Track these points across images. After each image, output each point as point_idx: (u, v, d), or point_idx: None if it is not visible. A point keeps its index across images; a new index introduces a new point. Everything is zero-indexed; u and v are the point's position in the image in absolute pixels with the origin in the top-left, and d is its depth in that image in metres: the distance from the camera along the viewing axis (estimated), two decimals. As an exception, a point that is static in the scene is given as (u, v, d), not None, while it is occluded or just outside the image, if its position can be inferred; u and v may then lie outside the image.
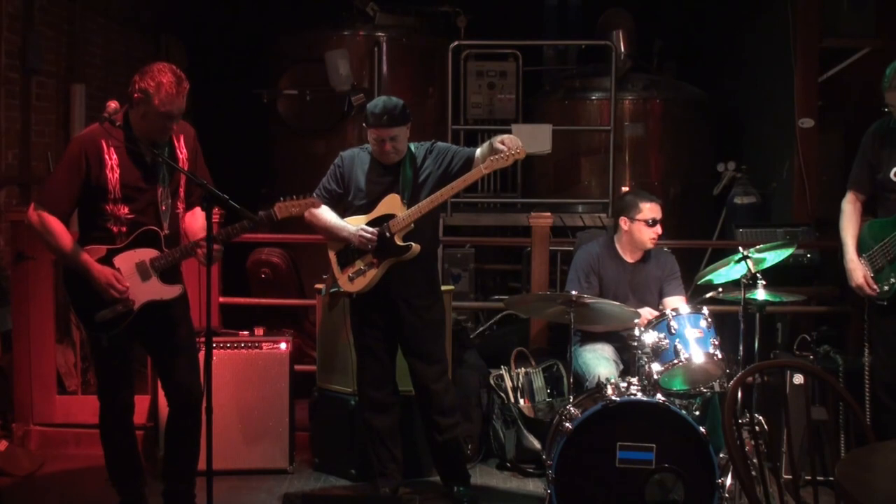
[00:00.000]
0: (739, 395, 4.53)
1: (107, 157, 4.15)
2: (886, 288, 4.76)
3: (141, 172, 4.20)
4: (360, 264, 4.73)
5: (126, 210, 4.18)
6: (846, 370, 5.25)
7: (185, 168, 4.27)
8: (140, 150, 4.18)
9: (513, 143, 4.50)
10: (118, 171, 4.16)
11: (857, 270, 4.88)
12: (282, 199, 4.32)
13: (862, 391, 5.09)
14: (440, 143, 4.87)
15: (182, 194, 4.33)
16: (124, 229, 4.20)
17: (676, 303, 5.03)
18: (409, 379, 4.92)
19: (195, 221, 4.36)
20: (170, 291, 4.28)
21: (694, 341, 4.63)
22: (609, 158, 7.12)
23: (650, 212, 5.06)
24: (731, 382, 3.77)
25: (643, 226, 5.07)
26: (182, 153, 4.31)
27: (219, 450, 4.32)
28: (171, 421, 4.47)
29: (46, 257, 5.41)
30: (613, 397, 4.42)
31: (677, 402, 4.51)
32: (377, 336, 4.84)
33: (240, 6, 8.47)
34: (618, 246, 5.20)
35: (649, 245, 5.11)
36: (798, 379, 5.06)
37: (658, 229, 5.08)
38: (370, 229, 4.66)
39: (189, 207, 4.38)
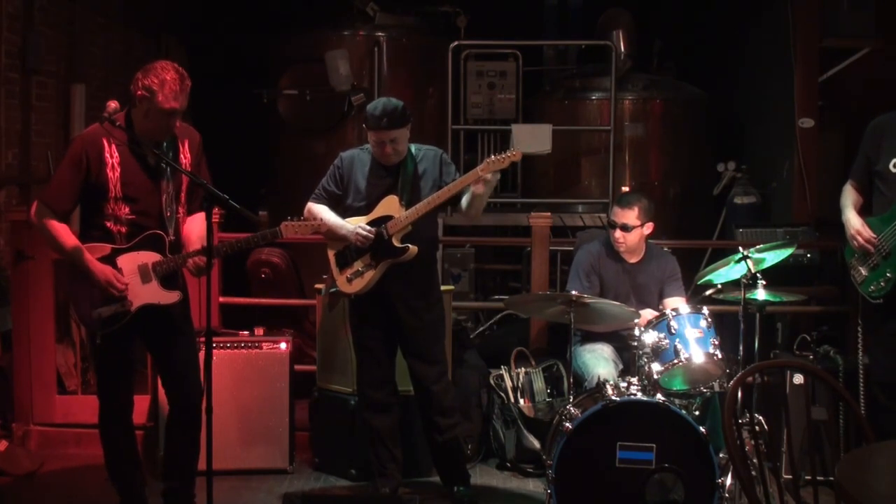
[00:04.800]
0: (739, 395, 4.53)
1: (108, 155, 4.15)
2: (883, 284, 4.76)
3: (143, 173, 4.20)
4: (358, 265, 4.73)
5: (126, 210, 4.18)
6: (846, 370, 5.25)
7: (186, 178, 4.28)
8: (143, 151, 4.18)
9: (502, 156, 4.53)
10: (119, 171, 4.16)
11: (854, 219, 4.87)
12: (289, 218, 4.36)
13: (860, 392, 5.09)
14: (446, 156, 4.88)
15: (183, 199, 4.33)
16: (123, 229, 4.20)
17: (676, 304, 5.02)
18: (409, 379, 4.92)
19: (193, 229, 4.35)
20: (168, 297, 4.27)
21: (694, 341, 4.63)
22: (609, 158, 7.13)
23: (614, 215, 5.13)
24: (731, 382, 3.77)
25: (610, 227, 5.13)
26: (185, 158, 4.31)
27: (219, 450, 4.32)
28: (172, 420, 4.47)
29: (46, 257, 5.41)
30: (613, 397, 4.42)
31: (677, 402, 4.51)
32: (376, 336, 4.84)
33: (240, 6, 8.46)
34: (617, 246, 5.21)
35: (616, 246, 5.12)
36: (798, 379, 5.06)
37: (620, 234, 5.07)
38: (368, 227, 4.66)
39: (190, 213, 4.39)
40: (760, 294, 4.62)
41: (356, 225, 4.69)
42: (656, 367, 4.60)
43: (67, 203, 4.20)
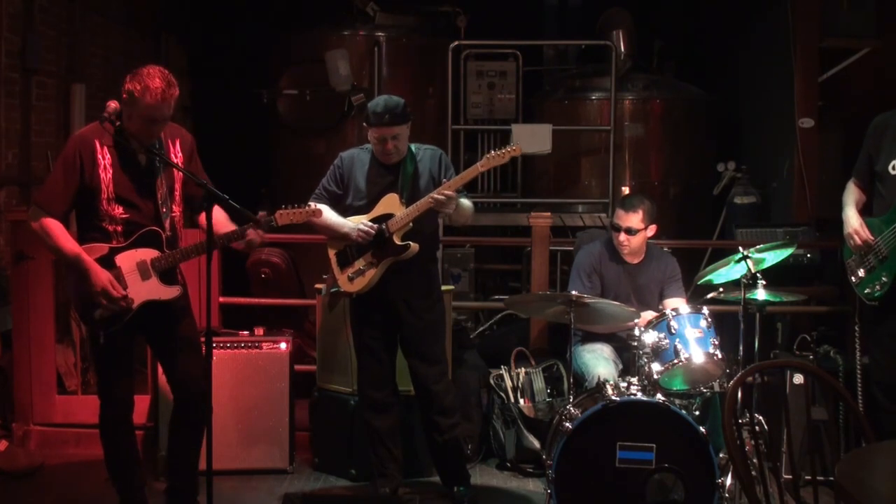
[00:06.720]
0: (739, 395, 4.53)
1: (100, 156, 4.17)
2: (878, 287, 4.75)
3: (135, 173, 4.21)
4: (359, 264, 4.73)
5: (121, 210, 4.19)
6: (846, 370, 5.25)
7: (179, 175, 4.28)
8: (133, 150, 4.19)
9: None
10: (111, 171, 4.17)
11: (854, 218, 4.86)
12: (283, 206, 4.33)
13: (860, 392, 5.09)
14: (446, 157, 4.88)
15: (178, 197, 4.33)
16: (119, 228, 4.20)
17: (677, 304, 5.02)
18: (409, 379, 4.92)
19: (219, 219, 4.29)
20: (168, 292, 4.28)
21: (694, 341, 4.63)
22: (609, 158, 7.13)
23: (617, 218, 5.13)
24: (731, 382, 3.77)
25: (613, 230, 5.13)
26: (177, 157, 4.31)
27: (219, 450, 4.33)
28: (176, 416, 4.47)
29: (46, 257, 5.41)
30: (613, 397, 4.42)
31: (677, 402, 4.51)
32: (377, 336, 4.84)
33: (240, 6, 8.47)
34: (618, 246, 5.21)
35: (620, 249, 5.13)
36: (798, 379, 5.06)
37: (625, 237, 5.07)
38: (370, 224, 4.66)
39: (193, 211, 4.38)
40: (760, 294, 4.61)
41: (358, 222, 4.68)
42: (656, 367, 4.60)
43: (62, 205, 4.20)
